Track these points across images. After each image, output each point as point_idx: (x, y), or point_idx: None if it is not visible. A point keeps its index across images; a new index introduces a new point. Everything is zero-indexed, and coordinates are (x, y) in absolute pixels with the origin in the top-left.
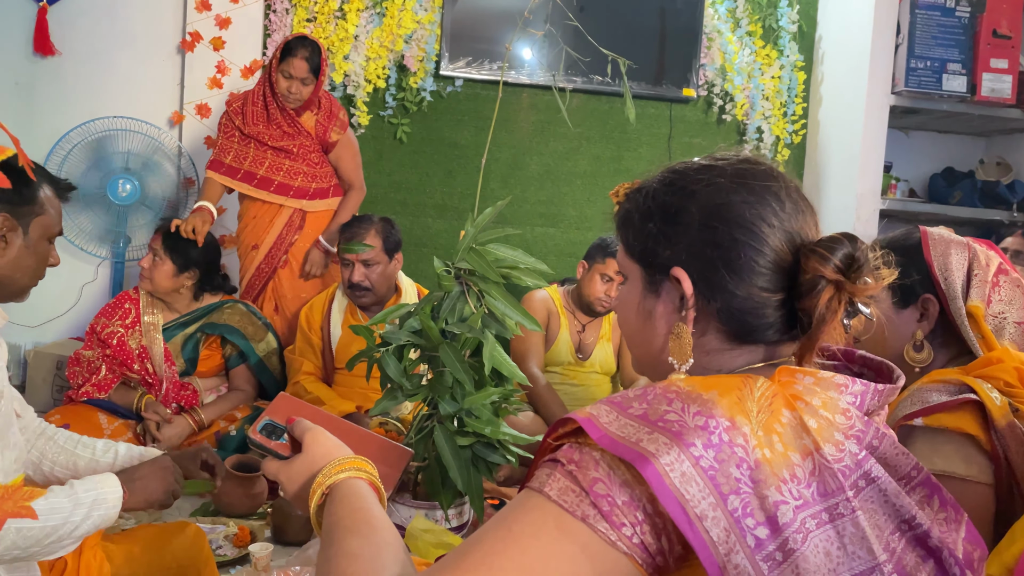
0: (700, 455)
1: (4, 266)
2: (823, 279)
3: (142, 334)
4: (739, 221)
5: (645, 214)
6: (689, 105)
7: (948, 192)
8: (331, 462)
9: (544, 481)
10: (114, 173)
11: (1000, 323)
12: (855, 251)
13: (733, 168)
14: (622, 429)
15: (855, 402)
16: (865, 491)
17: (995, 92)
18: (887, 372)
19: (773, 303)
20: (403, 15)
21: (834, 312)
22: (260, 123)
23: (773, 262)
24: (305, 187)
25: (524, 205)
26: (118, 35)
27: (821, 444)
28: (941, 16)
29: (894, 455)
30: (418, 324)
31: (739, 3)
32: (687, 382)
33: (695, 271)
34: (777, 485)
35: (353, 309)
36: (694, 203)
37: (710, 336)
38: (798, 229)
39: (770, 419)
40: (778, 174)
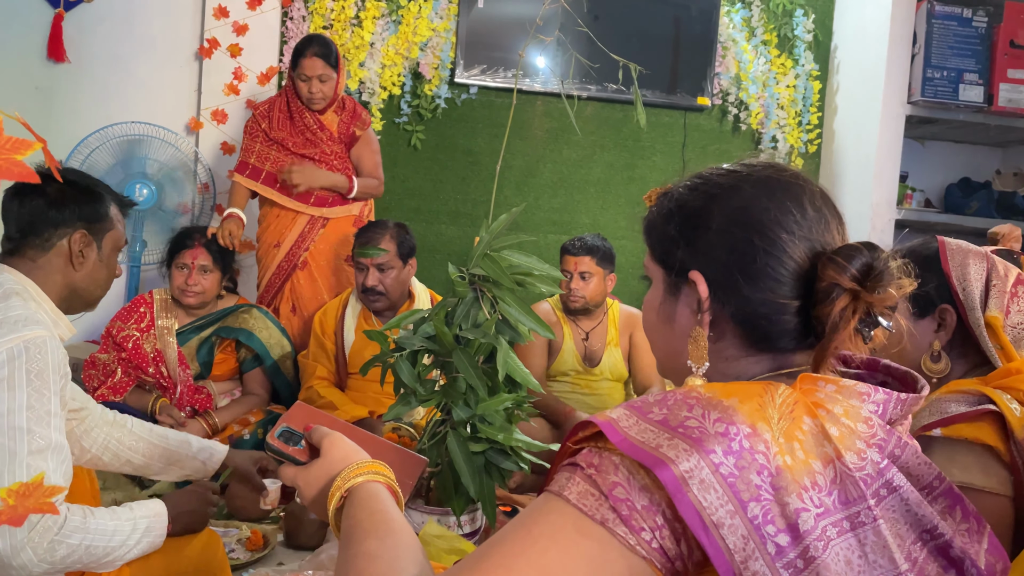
0: (720, 462)
1: (81, 279)
2: (839, 287)
3: (156, 338)
4: (757, 227)
5: (667, 217)
6: (704, 114)
7: (964, 202)
8: (349, 465)
9: (564, 484)
10: (131, 178)
11: (1019, 333)
12: (873, 260)
13: (757, 174)
14: (642, 434)
15: (877, 411)
16: (887, 500)
17: (1012, 102)
18: (911, 382)
19: (790, 310)
20: (419, 23)
21: (847, 321)
22: (284, 129)
23: (790, 269)
24: (325, 195)
25: (537, 212)
26: (136, 41)
27: (843, 452)
28: (958, 26)
29: (916, 465)
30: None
31: (754, 12)
32: (708, 388)
33: (712, 275)
34: (798, 492)
35: (367, 314)
36: (715, 207)
37: (727, 341)
38: (819, 237)
39: (791, 426)
40: (804, 181)
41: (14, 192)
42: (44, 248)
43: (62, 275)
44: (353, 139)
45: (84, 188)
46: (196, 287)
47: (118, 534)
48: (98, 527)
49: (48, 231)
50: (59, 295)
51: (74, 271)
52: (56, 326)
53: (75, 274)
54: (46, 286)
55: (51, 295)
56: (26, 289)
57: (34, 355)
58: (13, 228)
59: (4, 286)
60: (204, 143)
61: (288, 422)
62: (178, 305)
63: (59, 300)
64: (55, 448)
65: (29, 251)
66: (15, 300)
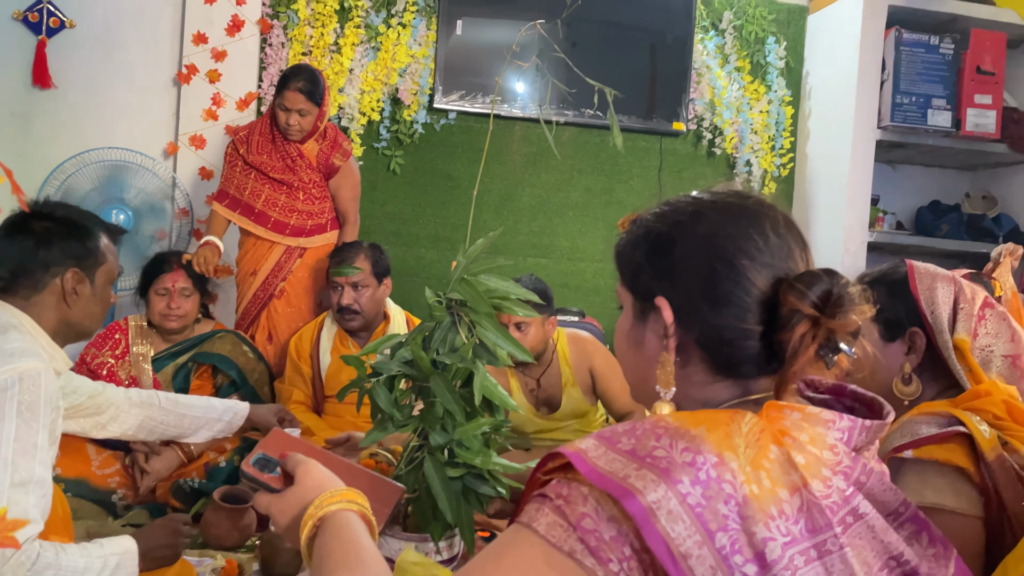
0: (687, 492)
1: (75, 315)
2: (799, 313)
3: (131, 365)
4: (720, 253)
5: (635, 243)
6: (679, 138)
7: (935, 225)
8: (323, 494)
9: (533, 516)
10: (108, 203)
11: (987, 356)
12: (833, 287)
13: (721, 201)
14: (610, 464)
15: (842, 438)
16: (853, 527)
17: (979, 127)
18: (877, 407)
19: (753, 335)
20: (397, 50)
21: (807, 346)
22: (264, 153)
23: (752, 295)
24: (301, 225)
25: (517, 236)
26: (115, 67)
27: (809, 480)
28: (925, 53)
29: (882, 491)
30: (409, 354)
31: (727, 39)
32: (675, 417)
33: (677, 301)
34: (765, 521)
35: (343, 337)
36: (680, 234)
37: (694, 367)
38: (782, 263)
39: (758, 455)
40: (767, 208)
41: (3, 233)
42: (37, 288)
43: (56, 311)
44: (332, 169)
45: (72, 224)
46: (179, 311)
47: (89, 572)
48: (70, 564)
49: (39, 272)
50: (54, 329)
51: (68, 308)
52: (52, 359)
53: (69, 310)
54: (40, 321)
55: (46, 329)
56: (22, 324)
57: (27, 387)
58: (4, 269)
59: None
60: (182, 168)
61: (264, 449)
62: (154, 331)
63: (54, 334)
64: (37, 482)
65: (22, 290)
66: (13, 333)
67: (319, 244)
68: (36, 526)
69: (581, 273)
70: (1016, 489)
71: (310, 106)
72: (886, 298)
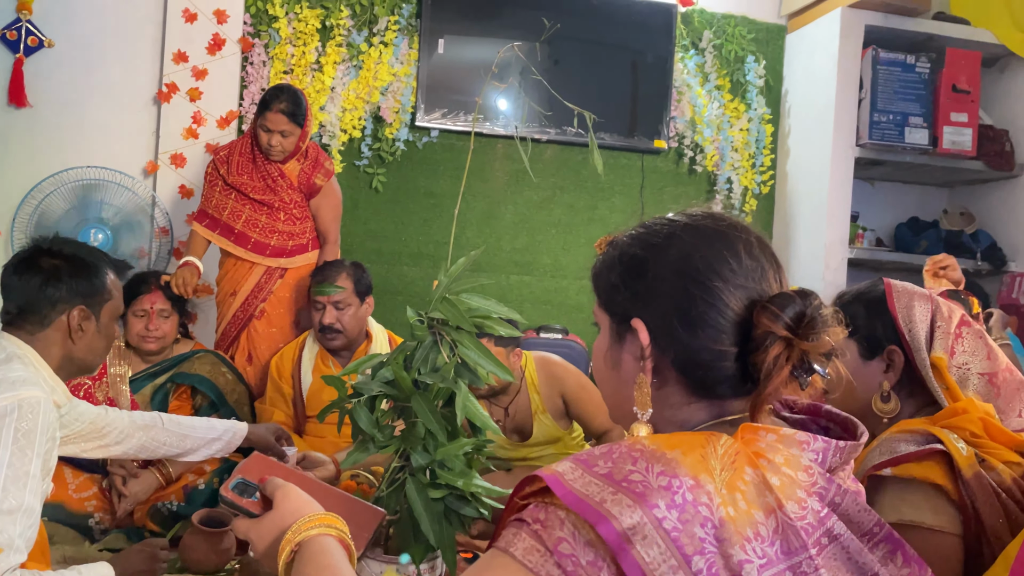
0: (663, 516)
1: (79, 351)
2: (772, 335)
3: (109, 386)
4: (694, 275)
5: (612, 265)
6: (661, 156)
7: (914, 241)
8: (301, 518)
9: (510, 540)
10: (86, 223)
11: (964, 374)
12: (806, 308)
13: (696, 224)
14: (587, 487)
15: (817, 459)
16: (828, 548)
17: (956, 144)
18: (852, 428)
19: (728, 357)
20: (379, 68)
21: (781, 368)
22: (245, 173)
23: (727, 317)
24: (282, 246)
25: (499, 254)
26: (94, 86)
27: (784, 502)
28: (902, 72)
29: (856, 512)
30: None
31: (707, 58)
32: (652, 440)
33: (653, 322)
34: (741, 544)
35: (324, 356)
36: (655, 256)
37: (670, 388)
38: (755, 285)
39: (733, 477)
40: (741, 229)
41: (13, 269)
42: (43, 324)
43: (61, 347)
44: (314, 189)
45: (80, 262)
46: (157, 332)
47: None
48: None
49: (46, 308)
50: (57, 364)
51: (73, 344)
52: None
53: (74, 346)
54: (45, 355)
55: (50, 363)
56: (26, 355)
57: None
58: (12, 304)
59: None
60: (162, 187)
61: (243, 473)
62: (132, 352)
63: (57, 368)
64: (25, 511)
65: (28, 325)
66: (17, 363)
67: (300, 264)
68: (19, 555)
69: (564, 290)
70: (993, 506)
71: (293, 127)
72: (864, 317)
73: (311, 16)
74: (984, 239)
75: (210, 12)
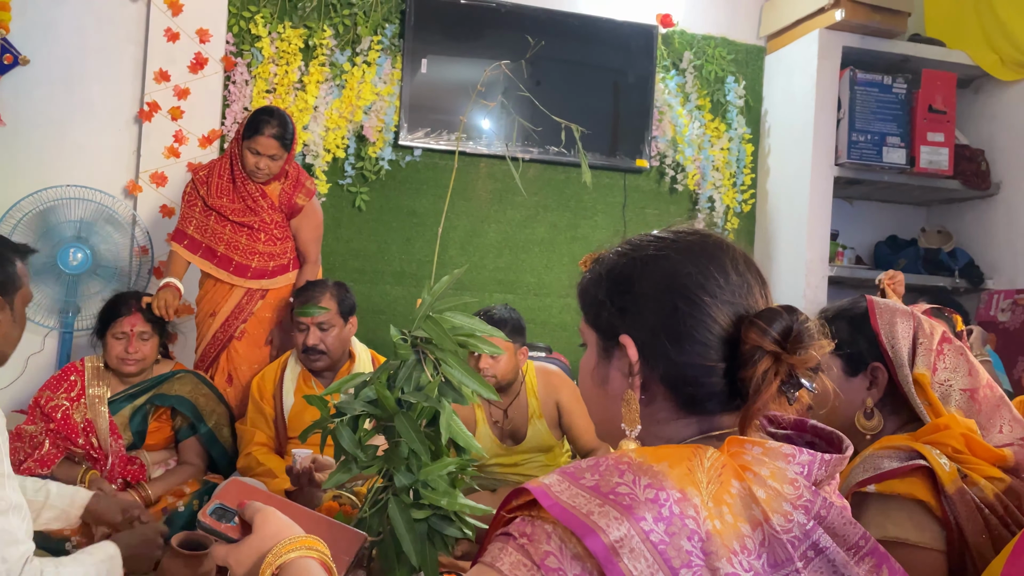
0: (651, 529)
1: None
2: (760, 350)
3: (87, 407)
4: (682, 292)
5: (598, 282)
6: (642, 175)
7: (893, 259)
8: (281, 541)
9: (496, 555)
10: (66, 242)
11: (946, 390)
12: (793, 323)
13: (683, 240)
14: (574, 499)
15: (803, 472)
16: (814, 562)
17: (933, 164)
18: (837, 442)
19: (717, 373)
20: (362, 87)
21: (770, 383)
22: (225, 196)
23: (715, 333)
24: (263, 267)
25: (483, 272)
26: (75, 105)
27: (770, 514)
28: (879, 92)
29: (842, 525)
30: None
31: (688, 79)
32: (639, 453)
33: (641, 339)
34: (728, 557)
35: (306, 376)
36: (643, 273)
37: (658, 404)
38: (742, 301)
39: (720, 490)
40: (727, 247)
41: None
42: None
43: None
44: (295, 209)
45: None
46: (136, 355)
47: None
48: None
49: None
50: None
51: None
52: None
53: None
54: None
55: None
56: None
57: None
58: None
59: None
60: (143, 206)
61: (221, 499)
62: (111, 372)
63: None
64: (15, 508)
65: None
66: None
67: (282, 284)
68: (28, 546)
69: (547, 309)
70: (976, 522)
71: (282, 151)
72: (847, 333)
73: (294, 35)
74: (962, 257)
75: (192, 31)
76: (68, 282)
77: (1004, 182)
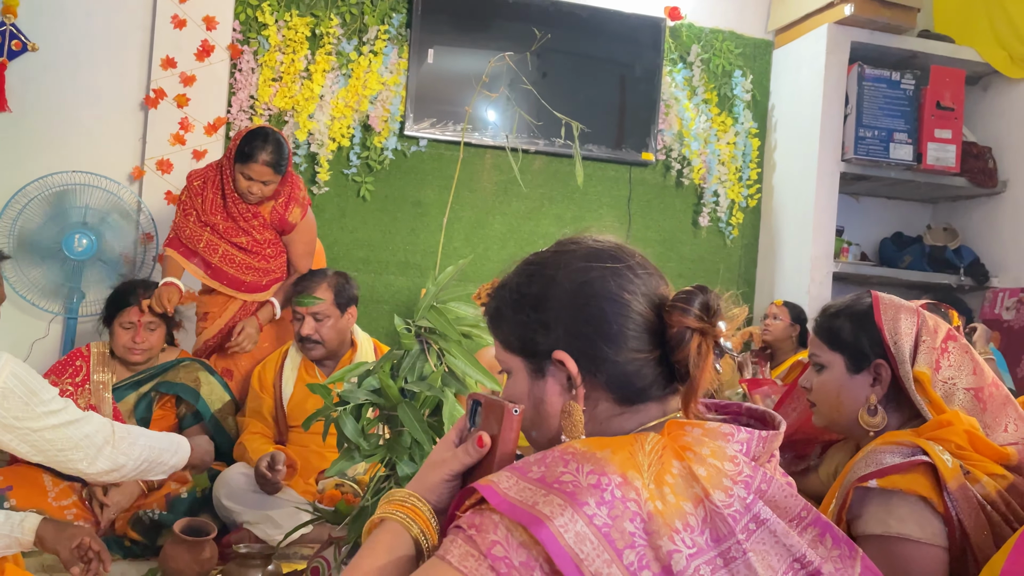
0: (594, 513)
1: None
2: (689, 329)
3: (91, 393)
4: (604, 294)
5: (516, 307)
6: (648, 168)
7: (898, 256)
8: (394, 492)
9: (447, 548)
10: (71, 228)
11: (950, 388)
12: (708, 298)
13: (584, 250)
14: (520, 493)
15: (742, 449)
16: (756, 533)
17: (940, 161)
18: (771, 420)
19: (651, 362)
20: (368, 77)
21: (704, 356)
22: (217, 214)
23: (641, 325)
24: (257, 282)
25: (487, 264)
26: (80, 91)
27: (711, 491)
28: (887, 88)
29: (783, 497)
30: (377, 383)
31: (695, 72)
32: (583, 443)
33: (575, 350)
34: (670, 535)
35: (307, 366)
36: (558, 287)
37: (601, 406)
38: (655, 291)
39: (661, 471)
40: (622, 247)
41: None
42: None
43: None
44: (287, 226)
45: None
46: (144, 344)
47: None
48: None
49: None
50: None
51: None
52: None
53: None
54: None
55: None
56: None
57: None
58: None
59: None
60: (148, 193)
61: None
62: (116, 360)
63: None
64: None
65: None
66: None
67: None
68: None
69: None
70: (978, 519)
71: (275, 177)
72: (851, 330)
73: (301, 24)
74: (967, 255)
75: (199, 18)
76: (73, 268)
77: (1011, 180)
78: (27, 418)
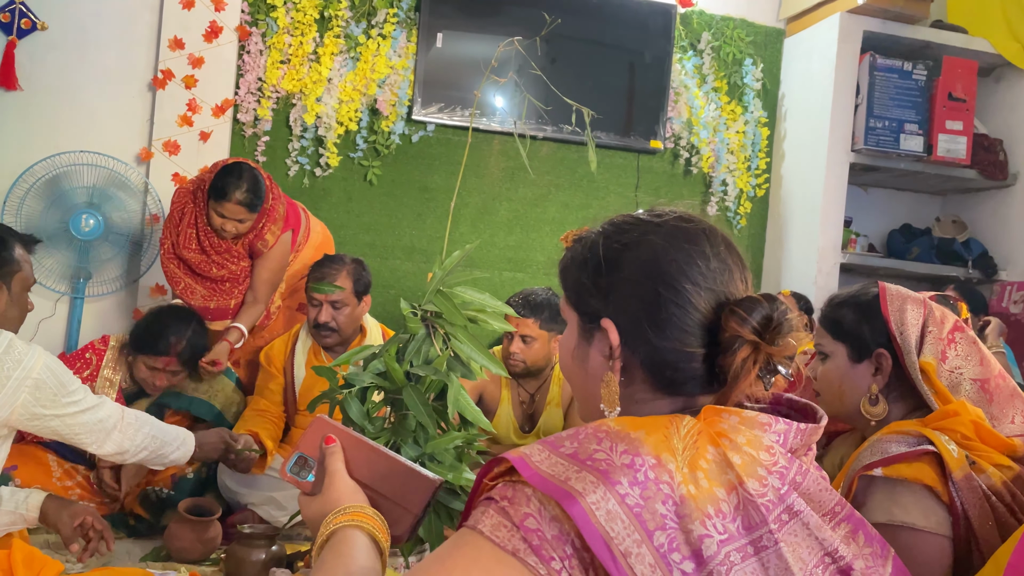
0: (626, 493)
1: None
2: (740, 338)
3: (95, 389)
4: (664, 278)
5: (581, 264)
6: (656, 156)
7: (906, 248)
8: (336, 509)
9: (478, 518)
10: (78, 208)
11: (957, 379)
12: (773, 312)
13: (666, 226)
14: (552, 467)
15: (779, 440)
16: (789, 524)
17: (950, 152)
18: (812, 413)
19: (696, 358)
20: (377, 60)
21: (748, 371)
22: (192, 251)
23: (695, 319)
24: (224, 307)
25: (493, 250)
26: (88, 71)
27: (745, 479)
28: (899, 78)
29: (818, 491)
30: (382, 366)
31: (705, 60)
32: (617, 422)
33: (622, 323)
34: (702, 520)
35: (317, 350)
36: (625, 257)
37: (637, 386)
38: (723, 288)
39: (695, 456)
40: (709, 231)
41: None
42: None
43: None
44: (256, 252)
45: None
46: (162, 385)
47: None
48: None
49: None
50: None
51: None
52: None
53: None
54: None
55: None
56: None
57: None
58: None
59: None
60: (155, 174)
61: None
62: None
63: None
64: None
65: None
66: None
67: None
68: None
69: (557, 288)
70: (983, 509)
71: (250, 216)
72: (854, 320)
73: (309, 6)
74: (976, 247)
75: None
76: (80, 248)
77: (1022, 173)
78: (54, 407)
